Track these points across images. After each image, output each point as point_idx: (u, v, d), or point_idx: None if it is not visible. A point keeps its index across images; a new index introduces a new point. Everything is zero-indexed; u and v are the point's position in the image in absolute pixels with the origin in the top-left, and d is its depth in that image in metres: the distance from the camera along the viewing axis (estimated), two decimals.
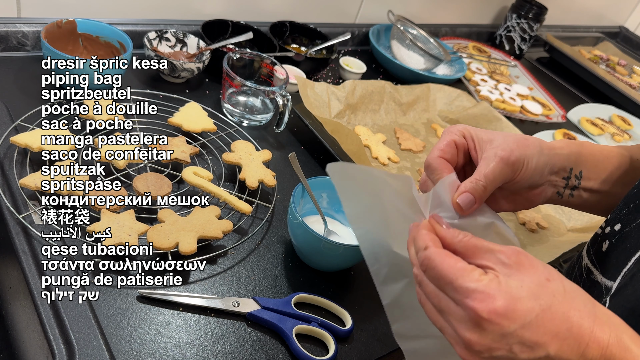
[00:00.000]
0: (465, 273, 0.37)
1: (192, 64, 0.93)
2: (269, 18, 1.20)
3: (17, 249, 0.61)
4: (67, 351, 0.54)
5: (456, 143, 0.50)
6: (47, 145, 0.70)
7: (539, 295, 0.36)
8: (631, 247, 0.46)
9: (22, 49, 0.92)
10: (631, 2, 2.28)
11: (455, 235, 0.41)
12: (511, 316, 0.36)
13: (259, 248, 0.73)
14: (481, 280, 0.37)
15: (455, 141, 0.50)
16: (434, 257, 0.39)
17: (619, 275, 0.46)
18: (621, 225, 0.49)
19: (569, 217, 1.03)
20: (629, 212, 0.48)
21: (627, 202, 0.49)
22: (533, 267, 0.38)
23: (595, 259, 0.51)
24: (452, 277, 0.38)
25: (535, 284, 0.37)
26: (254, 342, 0.62)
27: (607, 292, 0.47)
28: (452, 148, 0.50)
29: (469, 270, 0.38)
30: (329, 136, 0.91)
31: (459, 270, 0.38)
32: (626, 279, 0.45)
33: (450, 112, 1.21)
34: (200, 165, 0.81)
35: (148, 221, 0.68)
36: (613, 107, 1.58)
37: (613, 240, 0.49)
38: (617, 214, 0.50)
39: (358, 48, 1.38)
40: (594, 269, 0.50)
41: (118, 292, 0.61)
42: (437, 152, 0.50)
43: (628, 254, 0.46)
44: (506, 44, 1.69)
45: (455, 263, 0.38)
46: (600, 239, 0.51)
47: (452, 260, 0.39)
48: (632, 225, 0.47)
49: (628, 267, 0.45)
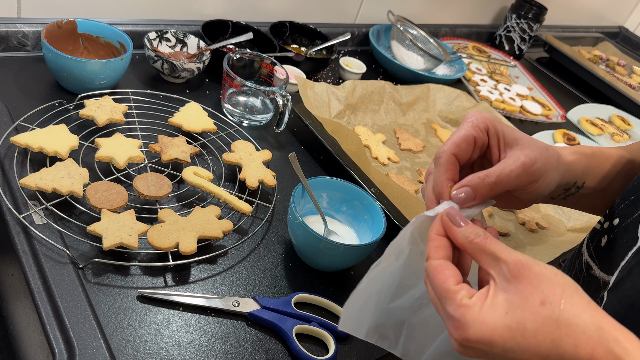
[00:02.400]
0: (448, 295, 0.38)
1: (192, 64, 0.93)
2: (269, 18, 1.20)
3: (17, 249, 0.61)
4: (67, 351, 0.54)
5: (476, 139, 0.47)
6: (47, 145, 0.70)
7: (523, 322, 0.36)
8: (629, 241, 0.46)
9: (22, 49, 0.92)
10: (631, 2, 2.29)
11: (467, 235, 0.41)
12: (486, 343, 0.36)
13: (259, 248, 0.73)
14: (460, 307, 0.37)
15: (476, 137, 0.47)
16: (429, 271, 0.41)
17: (617, 270, 0.46)
18: (619, 220, 0.49)
19: (569, 217, 1.03)
20: (626, 207, 0.48)
21: (625, 196, 0.49)
22: (532, 285, 0.37)
23: (594, 254, 0.51)
24: (439, 295, 0.39)
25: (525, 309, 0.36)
26: (254, 341, 0.62)
27: (604, 287, 0.47)
28: (469, 144, 0.47)
29: (452, 292, 0.38)
30: (329, 136, 0.91)
31: (444, 291, 0.39)
32: (624, 273, 0.45)
33: (450, 112, 1.21)
34: (201, 165, 0.81)
35: (148, 221, 0.68)
36: (613, 107, 1.58)
37: (611, 235, 0.49)
38: (615, 209, 0.50)
39: (358, 48, 1.39)
40: (593, 264, 0.50)
41: (118, 292, 0.61)
42: (451, 146, 0.47)
43: (625, 248, 0.46)
44: (506, 44, 1.69)
45: (443, 282, 0.39)
46: (599, 234, 0.51)
47: (441, 279, 0.39)
48: (629, 219, 0.47)
49: (625, 261, 0.45)
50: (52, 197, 0.66)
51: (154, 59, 0.92)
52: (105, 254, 0.63)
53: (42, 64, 0.89)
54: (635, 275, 0.43)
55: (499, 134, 0.48)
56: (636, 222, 0.46)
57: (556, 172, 0.49)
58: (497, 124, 0.48)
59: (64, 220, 0.66)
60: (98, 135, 0.77)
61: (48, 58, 0.82)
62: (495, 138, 0.48)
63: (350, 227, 0.77)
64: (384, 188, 0.84)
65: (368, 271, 0.46)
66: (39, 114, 0.77)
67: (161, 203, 0.73)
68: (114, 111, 0.79)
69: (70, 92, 0.86)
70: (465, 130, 0.47)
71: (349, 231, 0.77)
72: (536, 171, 0.47)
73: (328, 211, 0.78)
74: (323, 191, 0.77)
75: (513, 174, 0.45)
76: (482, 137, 0.48)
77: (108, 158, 0.72)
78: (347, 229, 0.77)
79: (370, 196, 0.75)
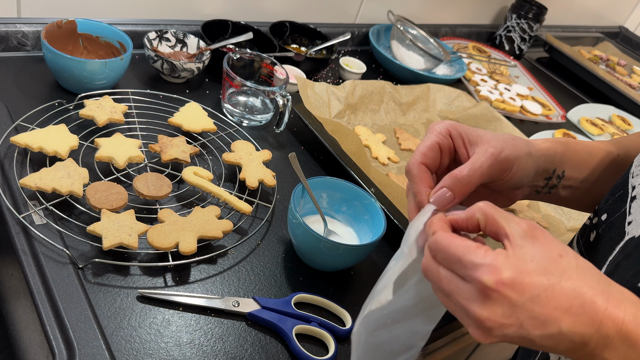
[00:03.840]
0: (471, 249, 0.38)
1: (192, 64, 0.93)
2: (269, 18, 1.20)
3: (17, 249, 0.61)
4: (67, 351, 0.54)
5: (440, 145, 0.50)
6: (47, 145, 0.70)
7: (548, 270, 0.37)
8: (615, 236, 0.46)
9: (22, 49, 0.92)
10: (631, 2, 2.28)
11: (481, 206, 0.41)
12: (518, 288, 0.36)
13: (259, 248, 0.73)
14: (488, 255, 0.37)
15: (440, 143, 0.50)
16: (442, 239, 0.40)
17: (605, 264, 0.46)
18: (607, 215, 0.49)
19: (569, 217, 1.03)
20: (614, 202, 0.49)
21: (613, 191, 0.50)
22: (547, 241, 0.38)
23: (584, 249, 0.52)
24: (460, 254, 0.38)
25: (547, 258, 0.37)
26: (254, 342, 0.62)
27: None
28: (435, 152, 0.50)
29: (474, 247, 0.38)
30: (329, 136, 0.91)
31: (465, 247, 0.38)
32: (612, 267, 0.45)
33: (450, 112, 1.21)
34: (200, 165, 0.81)
35: (148, 221, 0.68)
36: (613, 107, 1.58)
37: (600, 230, 0.49)
38: (603, 204, 0.51)
39: (358, 48, 1.38)
40: None
41: (118, 292, 0.61)
42: (419, 156, 0.49)
43: (613, 242, 0.46)
44: (506, 44, 1.69)
45: (462, 242, 0.39)
46: (588, 229, 0.52)
47: (459, 240, 0.39)
48: (616, 214, 0.48)
49: (613, 256, 0.46)
50: (51, 197, 0.66)
51: (154, 59, 0.92)
52: (105, 254, 0.63)
53: (42, 64, 0.89)
54: (623, 269, 0.44)
55: (462, 135, 0.50)
56: (623, 217, 0.47)
57: (529, 158, 0.51)
58: (459, 127, 0.50)
59: (63, 220, 0.65)
60: (98, 135, 0.77)
61: (48, 58, 0.82)
62: (460, 140, 0.50)
63: (350, 227, 0.77)
64: (384, 188, 0.84)
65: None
66: (39, 114, 0.77)
67: (161, 203, 0.73)
68: (114, 111, 0.79)
69: (70, 92, 0.85)
70: (428, 139, 0.50)
71: (349, 231, 0.77)
72: (506, 158, 0.48)
73: (328, 211, 0.78)
74: (323, 191, 0.77)
75: (484, 165, 0.47)
76: (446, 142, 0.50)
77: (108, 158, 0.72)
78: (347, 229, 0.77)
79: (370, 196, 0.75)
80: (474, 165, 0.47)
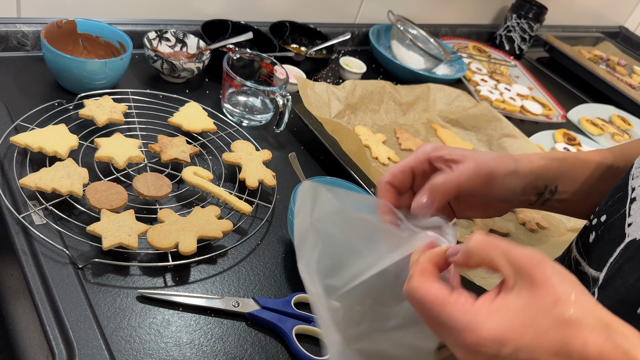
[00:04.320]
0: (448, 306, 0.36)
1: (192, 64, 0.93)
2: (269, 18, 1.20)
3: (17, 249, 0.61)
4: (67, 351, 0.54)
5: (414, 169, 0.51)
6: (47, 145, 0.70)
7: (537, 320, 0.35)
8: (616, 237, 0.46)
9: (22, 49, 0.92)
10: (631, 2, 2.28)
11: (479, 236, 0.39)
12: (501, 341, 0.35)
13: (259, 248, 0.73)
14: (467, 313, 0.36)
15: (414, 167, 0.51)
16: (415, 292, 0.38)
17: (605, 266, 0.46)
18: (606, 217, 0.49)
19: (569, 217, 1.03)
20: (614, 203, 0.49)
21: (613, 193, 0.50)
22: (545, 286, 0.36)
23: (583, 250, 0.51)
24: (436, 313, 0.37)
25: (538, 308, 0.35)
26: (254, 342, 0.62)
27: (594, 283, 0.47)
28: (406, 175, 0.51)
29: (452, 302, 0.37)
30: (329, 136, 0.91)
31: (441, 304, 0.37)
32: (613, 270, 0.45)
33: (450, 112, 1.21)
34: (200, 165, 0.81)
35: (148, 221, 0.68)
36: (613, 107, 1.58)
37: (599, 232, 0.49)
38: (603, 206, 0.50)
39: (358, 48, 1.38)
40: (582, 260, 0.51)
41: (118, 292, 0.61)
42: (388, 175, 0.51)
43: (613, 244, 0.46)
44: (506, 44, 1.69)
45: (436, 297, 0.37)
46: (587, 230, 0.52)
47: (433, 293, 0.37)
48: (616, 215, 0.47)
49: (614, 258, 0.45)
50: (51, 197, 0.66)
51: (154, 59, 0.92)
52: (104, 254, 0.63)
53: (42, 63, 0.89)
54: (625, 273, 0.43)
55: (445, 157, 0.51)
56: (622, 218, 0.46)
57: (514, 177, 0.51)
58: (443, 149, 0.51)
59: (63, 220, 0.65)
60: (98, 135, 0.77)
61: (48, 58, 0.82)
62: (441, 161, 0.51)
63: None
64: None
65: None
66: (39, 113, 0.77)
67: (161, 203, 0.73)
68: (114, 111, 0.79)
69: (69, 92, 0.85)
70: (405, 161, 0.51)
71: None
72: (488, 174, 0.50)
73: None
74: None
75: (462, 177, 0.49)
76: (421, 167, 0.51)
77: (108, 158, 0.72)
78: None
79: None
80: (452, 175, 0.49)
